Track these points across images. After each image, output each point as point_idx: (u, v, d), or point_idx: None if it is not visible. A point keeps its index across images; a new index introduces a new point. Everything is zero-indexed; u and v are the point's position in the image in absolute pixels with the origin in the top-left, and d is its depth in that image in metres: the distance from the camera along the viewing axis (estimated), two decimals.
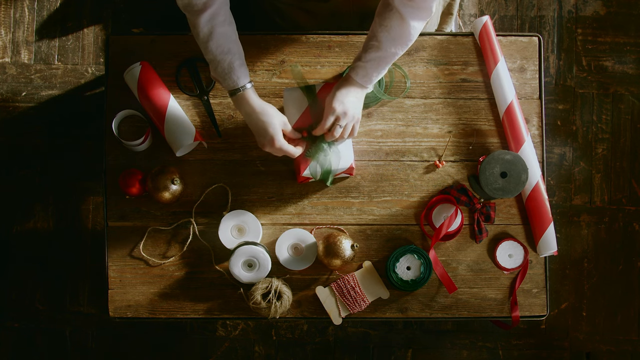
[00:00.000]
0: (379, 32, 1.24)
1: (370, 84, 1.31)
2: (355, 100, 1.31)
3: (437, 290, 1.46)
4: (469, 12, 2.16)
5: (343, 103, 1.29)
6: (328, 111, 1.30)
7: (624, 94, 2.13)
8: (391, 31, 1.23)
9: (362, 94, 1.32)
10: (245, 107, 1.29)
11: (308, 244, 1.43)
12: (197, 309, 1.45)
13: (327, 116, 1.30)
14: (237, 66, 1.25)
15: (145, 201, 1.45)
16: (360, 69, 1.28)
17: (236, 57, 1.25)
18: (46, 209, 2.08)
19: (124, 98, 1.46)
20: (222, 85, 1.29)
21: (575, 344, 2.10)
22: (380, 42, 1.25)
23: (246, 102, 1.28)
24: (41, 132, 2.09)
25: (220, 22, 1.23)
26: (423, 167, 1.47)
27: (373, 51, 1.26)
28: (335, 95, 1.29)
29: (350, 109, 1.30)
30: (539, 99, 1.49)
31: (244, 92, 1.28)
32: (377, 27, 1.24)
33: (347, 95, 1.29)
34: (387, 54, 1.26)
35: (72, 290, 2.08)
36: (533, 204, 1.45)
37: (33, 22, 2.13)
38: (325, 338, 2.08)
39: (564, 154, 2.12)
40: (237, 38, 1.27)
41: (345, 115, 1.30)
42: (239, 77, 1.26)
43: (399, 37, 1.24)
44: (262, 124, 1.29)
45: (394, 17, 1.22)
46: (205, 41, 1.24)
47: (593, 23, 2.14)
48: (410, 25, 1.22)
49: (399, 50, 1.26)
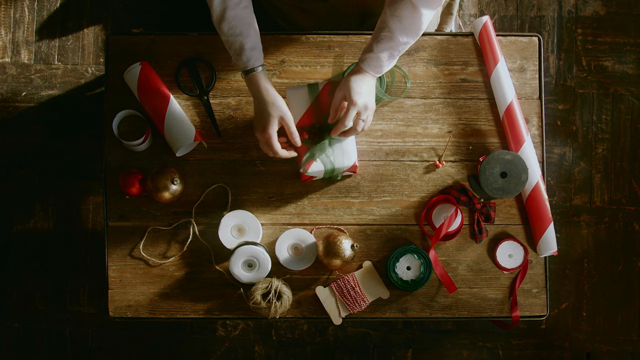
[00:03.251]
0: (391, 23, 1.25)
1: (381, 74, 1.33)
2: (371, 91, 1.33)
3: (437, 290, 1.46)
4: (469, 12, 2.16)
5: (362, 95, 1.30)
6: (350, 105, 1.30)
7: (624, 94, 2.13)
8: (403, 20, 1.25)
9: (374, 84, 1.34)
10: (253, 89, 1.32)
11: (308, 244, 1.43)
12: (197, 309, 1.45)
13: (349, 110, 1.30)
14: (248, 49, 1.28)
15: (145, 201, 1.45)
16: (373, 60, 1.29)
17: (248, 40, 1.28)
18: (46, 209, 2.08)
19: (124, 98, 1.46)
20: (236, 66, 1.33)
21: (576, 344, 2.10)
22: (393, 32, 1.26)
23: (254, 84, 1.31)
24: (41, 132, 2.09)
25: (233, 5, 1.26)
26: (423, 167, 1.47)
27: (385, 41, 1.27)
28: (353, 88, 1.29)
29: (370, 101, 1.32)
30: (539, 99, 1.49)
31: (253, 75, 1.31)
32: (389, 17, 1.26)
33: (364, 87, 1.30)
34: (399, 43, 1.28)
35: (72, 290, 2.08)
36: (533, 204, 1.45)
37: (33, 22, 2.13)
38: (325, 338, 2.08)
39: (564, 154, 2.12)
40: (252, 21, 1.30)
41: (366, 109, 1.31)
42: (249, 60, 1.29)
43: (411, 25, 1.26)
44: (262, 109, 1.31)
45: (406, 6, 1.23)
46: (218, 22, 1.28)
47: (593, 23, 2.14)
48: (421, 14, 1.24)
49: (410, 40, 1.28)
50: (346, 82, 1.31)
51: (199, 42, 1.48)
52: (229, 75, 1.48)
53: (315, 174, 1.39)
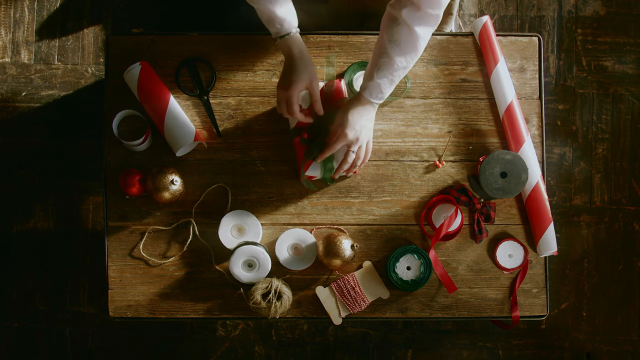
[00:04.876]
0: (389, 48, 1.24)
1: (383, 100, 1.31)
2: (367, 123, 1.31)
3: (437, 290, 1.46)
4: (469, 12, 2.16)
5: (355, 130, 1.29)
6: (340, 137, 1.30)
7: (624, 94, 2.13)
8: (401, 45, 1.24)
9: (374, 112, 1.33)
10: (285, 51, 1.32)
11: (308, 244, 1.43)
12: (197, 309, 1.45)
13: (337, 141, 1.30)
14: (281, 14, 1.28)
15: (145, 201, 1.45)
16: (374, 88, 1.28)
17: (277, 6, 1.27)
18: (46, 209, 2.08)
19: (124, 98, 1.46)
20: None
21: (576, 344, 2.10)
22: (392, 58, 1.25)
23: (287, 47, 1.31)
24: (41, 132, 2.09)
25: None
26: (423, 167, 1.47)
27: (385, 68, 1.26)
28: (349, 122, 1.29)
29: (362, 134, 1.31)
30: (539, 99, 1.49)
31: (287, 39, 1.30)
32: (387, 43, 1.24)
33: (360, 120, 1.30)
34: (399, 67, 1.27)
35: (72, 290, 2.08)
36: (533, 204, 1.45)
37: (33, 22, 2.13)
38: (325, 338, 2.08)
39: (564, 154, 2.12)
40: None
41: (356, 141, 1.31)
42: (282, 25, 1.29)
43: (409, 49, 1.25)
44: (294, 67, 1.30)
45: (403, 30, 1.22)
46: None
47: (593, 23, 2.14)
48: (418, 36, 1.23)
49: (410, 63, 1.27)
50: (346, 111, 1.30)
51: (199, 42, 1.48)
52: (229, 75, 1.48)
53: (315, 174, 1.39)
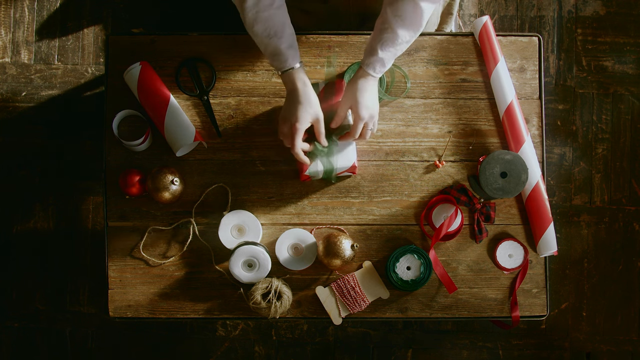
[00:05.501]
0: (394, 23, 1.25)
1: (384, 72, 1.33)
2: (375, 97, 1.34)
3: (437, 290, 1.46)
4: (469, 12, 2.16)
5: (368, 107, 1.31)
6: (357, 119, 1.31)
7: (624, 94, 2.13)
8: (406, 20, 1.25)
9: (377, 86, 1.35)
10: (289, 86, 1.31)
11: (308, 244, 1.43)
12: (197, 309, 1.45)
13: (357, 124, 1.32)
14: (285, 49, 1.27)
15: (145, 201, 1.45)
16: (378, 62, 1.29)
17: (282, 40, 1.27)
18: (46, 209, 2.08)
19: (124, 98, 1.46)
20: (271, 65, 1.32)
21: (576, 344, 2.10)
22: (396, 33, 1.26)
23: (291, 81, 1.30)
24: (41, 132, 2.09)
25: (265, 7, 1.24)
26: (423, 167, 1.47)
27: (389, 42, 1.27)
28: (360, 102, 1.30)
29: (375, 109, 1.33)
30: (539, 99, 1.49)
31: (291, 72, 1.30)
32: (391, 17, 1.25)
33: (369, 96, 1.31)
34: (403, 41, 1.28)
35: (72, 290, 2.08)
36: (533, 204, 1.45)
37: (33, 22, 2.13)
38: (325, 338, 2.08)
39: (564, 154, 2.12)
40: (285, 20, 1.28)
41: (372, 119, 1.34)
42: (287, 59, 1.28)
43: (413, 23, 1.26)
44: (298, 105, 1.30)
45: (408, 5, 1.24)
46: (251, 26, 1.27)
47: (593, 23, 2.14)
48: (423, 9, 1.24)
49: (412, 37, 1.29)
50: (352, 92, 1.31)
51: (199, 42, 1.48)
52: (229, 75, 1.48)
53: (315, 174, 1.39)
